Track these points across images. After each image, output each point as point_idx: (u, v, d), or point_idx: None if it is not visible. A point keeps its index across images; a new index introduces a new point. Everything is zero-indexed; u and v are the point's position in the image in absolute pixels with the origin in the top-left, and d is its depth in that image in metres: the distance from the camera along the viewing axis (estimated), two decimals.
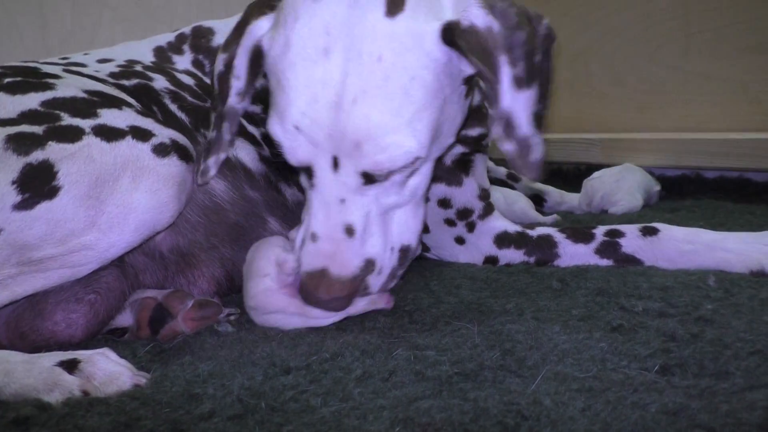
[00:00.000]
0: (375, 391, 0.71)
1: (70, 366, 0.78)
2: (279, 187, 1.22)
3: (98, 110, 0.99)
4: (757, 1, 1.87)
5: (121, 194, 0.91)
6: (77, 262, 0.90)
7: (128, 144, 0.95)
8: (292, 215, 1.21)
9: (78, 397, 0.74)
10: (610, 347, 0.79)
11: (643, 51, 2.18)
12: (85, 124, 0.95)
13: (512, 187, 1.85)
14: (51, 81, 1.04)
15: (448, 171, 1.28)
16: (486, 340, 0.83)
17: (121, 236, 0.91)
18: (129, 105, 1.07)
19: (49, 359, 0.79)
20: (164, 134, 0.99)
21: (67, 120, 0.95)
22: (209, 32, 1.39)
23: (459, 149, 1.26)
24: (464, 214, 1.26)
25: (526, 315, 0.92)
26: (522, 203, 1.65)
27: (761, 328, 0.81)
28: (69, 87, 1.04)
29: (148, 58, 1.32)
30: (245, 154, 1.20)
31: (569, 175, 2.39)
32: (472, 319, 0.92)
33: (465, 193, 1.26)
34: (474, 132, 1.23)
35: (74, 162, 0.90)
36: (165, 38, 1.39)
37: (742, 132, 1.90)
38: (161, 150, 0.97)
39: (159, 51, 1.35)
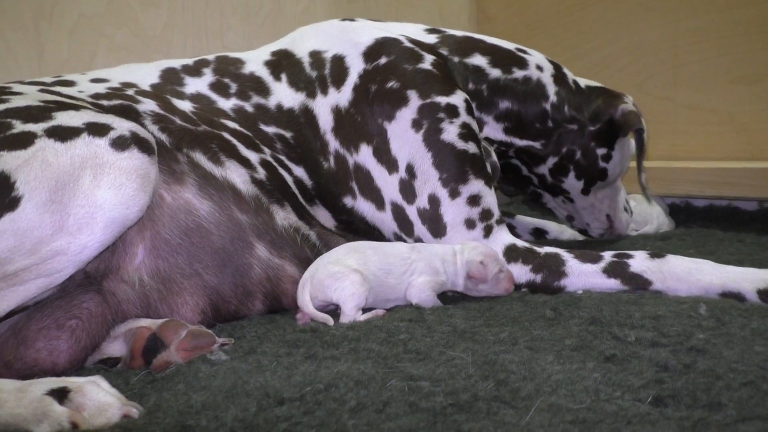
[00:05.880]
0: (369, 423, 0.71)
1: (61, 395, 0.77)
2: (270, 210, 1.21)
3: (53, 114, 0.98)
4: (744, 34, 1.91)
5: (84, 194, 0.90)
6: (53, 269, 0.89)
7: (84, 141, 0.94)
8: (281, 240, 1.19)
9: (68, 430, 0.73)
10: (603, 378, 0.79)
11: (633, 81, 2.21)
12: (37, 127, 0.95)
13: (509, 224, 1.87)
14: (7, 96, 1.04)
15: (490, 174, 1.35)
16: (480, 370, 0.83)
17: (92, 236, 0.90)
18: (88, 109, 1.05)
19: (39, 387, 0.78)
20: (123, 126, 0.98)
21: (19, 127, 0.95)
22: (237, 61, 1.42)
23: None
24: (487, 215, 1.27)
25: (520, 344, 0.92)
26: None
27: (753, 359, 0.81)
28: (25, 99, 1.04)
29: (149, 80, 1.32)
30: (237, 175, 1.19)
31: None
32: (466, 348, 0.92)
33: (492, 195, 1.31)
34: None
35: (31, 168, 0.90)
36: (180, 61, 1.40)
37: (731, 161, 1.93)
38: (120, 143, 0.95)
39: (168, 72, 1.36)
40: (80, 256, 0.91)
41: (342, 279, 1.10)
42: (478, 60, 1.44)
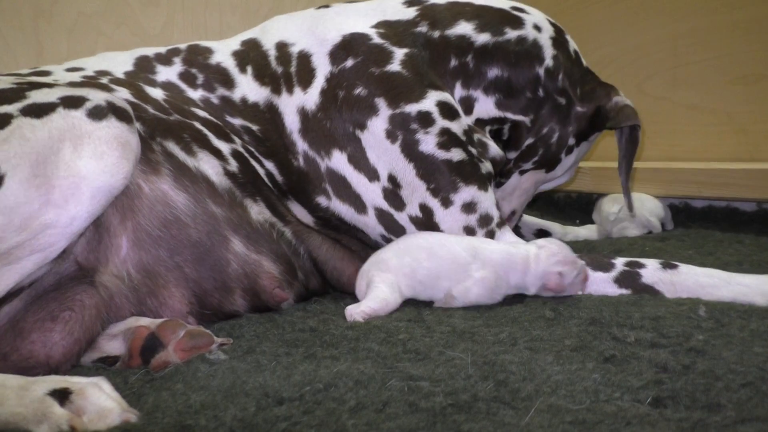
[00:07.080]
0: (369, 423, 0.71)
1: (62, 396, 0.77)
2: (244, 204, 1.19)
3: (26, 93, 0.99)
4: (743, 35, 1.91)
5: (66, 165, 0.91)
6: (46, 244, 0.90)
7: (60, 114, 0.95)
8: (257, 235, 1.18)
9: None
10: (603, 378, 0.79)
11: (632, 82, 2.22)
12: (12, 108, 0.95)
13: (516, 225, 1.87)
14: None
15: (489, 173, 1.29)
16: (479, 370, 0.83)
17: (80, 206, 0.91)
18: (61, 86, 1.05)
19: (42, 386, 0.78)
20: (99, 97, 0.98)
21: None
22: (207, 50, 1.39)
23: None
24: (485, 220, 1.24)
25: (520, 345, 0.92)
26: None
27: (752, 360, 0.81)
28: None
29: (123, 68, 1.32)
30: (209, 167, 1.18)
31: (560, 202, 2.41)
32: (466, 348, 0.92)
33: (490, 198, 1.26)
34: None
35: (9, 146, 0.90)
36: (154, 50, 1.39)
37: (729, 162, 1.93)
38: (97, 113, 0.96)
39: (142, 59, 1.35)
40: (71, 227, 0.91)
41: (375, 284, 1.13)
42: (463, 28, 1.35)
